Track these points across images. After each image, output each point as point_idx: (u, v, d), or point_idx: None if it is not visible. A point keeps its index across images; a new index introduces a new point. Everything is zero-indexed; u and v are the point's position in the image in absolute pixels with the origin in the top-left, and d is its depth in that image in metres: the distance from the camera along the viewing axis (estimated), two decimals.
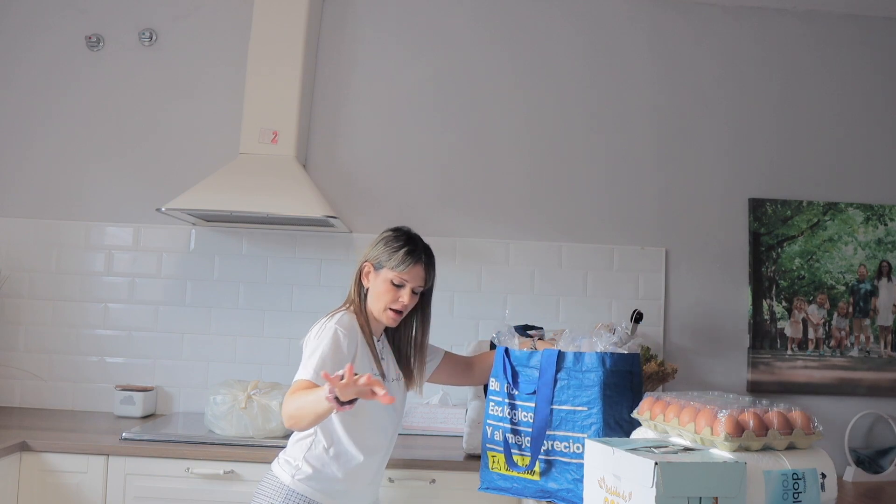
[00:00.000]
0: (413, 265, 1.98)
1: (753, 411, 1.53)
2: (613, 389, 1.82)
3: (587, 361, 1.83)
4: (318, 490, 1.92)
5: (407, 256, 1.98)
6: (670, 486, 1.38)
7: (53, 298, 3.05)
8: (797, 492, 1.47)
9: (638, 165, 3.20)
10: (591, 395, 1.80)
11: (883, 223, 3.20)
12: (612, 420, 1.80)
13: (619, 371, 1.83)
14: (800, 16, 3.29)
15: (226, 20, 3.16)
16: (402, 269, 1.97)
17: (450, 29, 3.22)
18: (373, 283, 2.02)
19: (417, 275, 2.00)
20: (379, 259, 2.02)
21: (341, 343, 1.89)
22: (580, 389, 1.81)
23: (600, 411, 1.79)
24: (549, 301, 3.12)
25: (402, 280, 1.98)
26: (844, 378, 3.14)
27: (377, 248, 2.04)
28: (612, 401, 1.81)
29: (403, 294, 1.99)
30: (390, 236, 2.05)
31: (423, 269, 2.01)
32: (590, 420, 1.79)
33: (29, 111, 3.12)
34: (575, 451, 1.80)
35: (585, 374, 1.82)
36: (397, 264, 1.98)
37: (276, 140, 2.91)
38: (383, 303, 1.99)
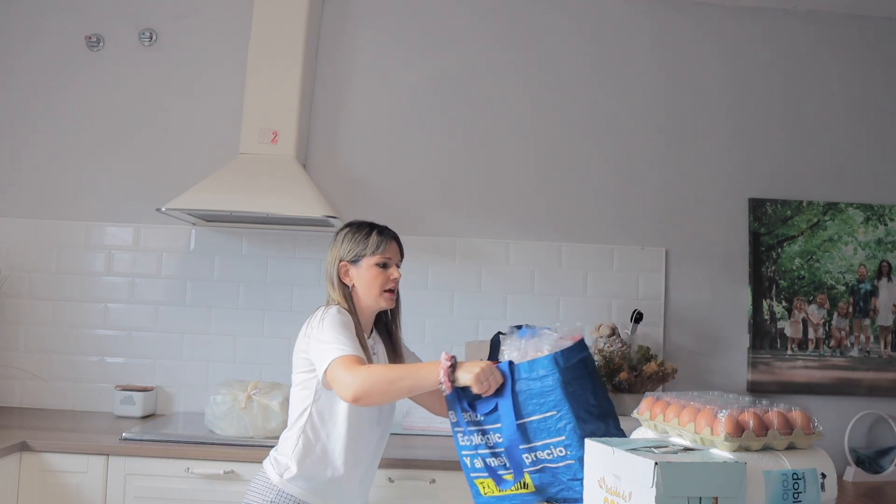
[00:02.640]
0: (389, 242, 2.05)
1: (753, 411, 1.53)
2: (574, 384, 1.78)
3: (541, 367, 1.77)
4: (306, 490, 1.93)
5: (380, 237, 2.04)
6: (670, 486, 1.38)
7: (53, 298, 3.05)
8: (797, 492, 1.47)
9: (638, 165, 3.20)
10: (555, 399, 1.75)
11: (883, 223, 3.20)
12: (583, 412, 1.77)
13: (573, 365, 1.79)
14: (800, 16, 3.29)
15: (226, 20, 3.16)
16: (382, 250, 2.03)
17: (450, 28, 3.22)
18: (357, 277, 2.03)
19: (395, 249, 2.07)
20: (353, 253, 2.03)
21: (349, 323, 1.92)
22: (543, 396, 1.76)
23: (570, 411, 1.74)
24: (549, 301, 3.12)
25: (385, 259, 2.03)
26: (844, 378, 3.14)
27: (345, 245, 2.05)
28: (576, 395, 1.77)
29: (392, 271, 2.05)
30: (352, 229, 2.08)
31: (396, 243, 2.08)
32: (562, 422, 1.75)
33: (29, 111, 3.13)
34: (559, 455, 1.76)
35: (543, 379, 1.76)
36: (375, 247, 2.02)
37: (276, 140, 2.91)
38: (377, 288, 2.02)
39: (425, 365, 1.81)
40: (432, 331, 3.09)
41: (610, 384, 2.79)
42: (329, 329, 1.89)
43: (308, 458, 1.93)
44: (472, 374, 1.74)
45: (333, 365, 1.82)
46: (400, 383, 1.79)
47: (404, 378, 1.80)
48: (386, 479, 2.38)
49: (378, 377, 1.78)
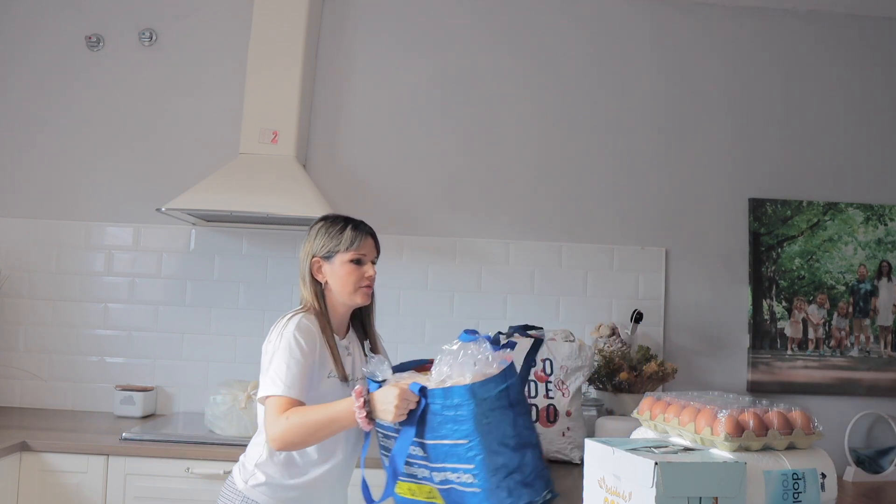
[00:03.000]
0: (364, 238, 1.97)
1: (753, 411, 1.53)
2: (490, 416, 1.70)
3: (456, 396, 1.69)
4: (271, 498, 1.87)
5: (354, 232, 1.96)
6: (670, 486, 1.38)
7: (53, 298, 3.05)
8: (797, 492, 1.47)
9: (638, 165, 3.20)
10: (467, 429, 1.68)
11: (883, 223, 3.20)
12: (496, 444, 1.70)
13: (492, 396, 1.71)
14: (801, 16, 3.29)
15: (226, 20, 3.16)
16: (357, 246, 1.95)
17: (450, 29, 3.22)
18: (331, 274, 1.95)
19: (370, 246, 1.99)
20: (327, 248, 1.96)
21: (304, 348, 1.83)
22: (457, 423, 1.69)
23: (479, 444, 1.68)
24: (549, 301, 3.12)
25: (359, 256, 1.95)
26: (844, 378, 3.14)
27: (318, 240, 1.97)
28: (490, 427, 1.69)
29: (367, 268, 1.96)
30: (326, 224, 2.00)
31: (372, 239, 2.00)
32: (472, 452, 1.68)
33: (29, 111, 3.13)
34: (466, 482, 1.70)
35: (458, 408, 1.68)
36: (350, 244, 1.94)
37: (276, 140, 2.91)
38: (352, 284, 1.94)
39: (343, 407, 1.73)
40: (432, 331, 3.09)
41: (610, 384, 2.79)
42: (278, 358, 1.82)
43: (273, 466, 1.87)
44: (390, 414, 1.69)
45: (267, 403, 1.79)
46: (321, 432, 1.75)
47: (324, 427, 1.74)
48: None
49: (298, 428, 1.73)
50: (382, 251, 3.21)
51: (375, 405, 1.71)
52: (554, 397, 2.43)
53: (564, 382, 2.45)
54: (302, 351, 1.82)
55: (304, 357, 1.82)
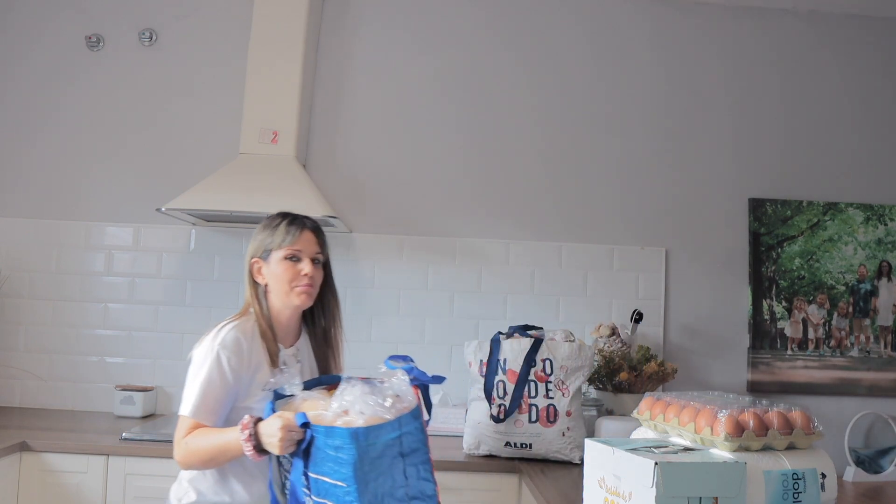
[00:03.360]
0: (299, 232, 1.82)
1: (753, 411, 1.53)
2: (375, 463, 1.56)
3: (338, 437, 1.55)
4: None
5: (290, 227, 1.82)
6: (670, 486, 1.38)
7: (53, 298, 3.05)
8: (797, 492, 1.47)
9: (638, 165, 3.20)
10: (345, 473, 1.55)
11: (883, 223, 3.20)
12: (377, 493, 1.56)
13: (378, 443, 1.57)
14: (801, 16, 3.29)
15: (226, 20, 3.16)
16: (290, 241, 1.81)
17: (450, 28, 3.22)
18: (268, 275, 1.83)
19: (308, 241, 1.83)
20: (264, 246, 1.84)
21: (224, 368, 1.73)
22: (337, 465, 1.56)
23: (356, 491, 1.54)
24: (549, 301, 3.12)
25: (294, 252, 1.81)
26: (844, 378, 3.14)
27: (256, 239, 1.86)
28: (372, 475, 1.56)
29: (303, 265, 1.81)
30: (265, 222, 1.88)
31: (311, 233, 1.85)
32: (349, 497, 1.55)
33: (29, 111, 3.12)
34: None
35: (339, 450, 1.55)
36: (283, 239, 1.81)
37: (276, 140, 2.91)
38: (286, 283, 1.81)
39: (234, 437, 1.64)
40: (432, 331, 3.09)
41: (610, 384, 2.79)
42: (195, 376, 1.74)
43: (204, 483, 1.78)
44: (275, 448, 1.59)
45: (179, 420, 1.73)
46: (216, 459, 1.69)
47: (218, 455, 1.68)
48: None
49: (194, 454, 1.68)
50: (382, 251, 3.23)
51: (261, 437, 1.61)
52: (554, 397, 2.43)
53: (564, 382, 2.45)
54: (220, 372, 1.73)
55: (221, 378, 1.72)
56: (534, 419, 2.42)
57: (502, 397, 2.46)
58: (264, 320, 1.82)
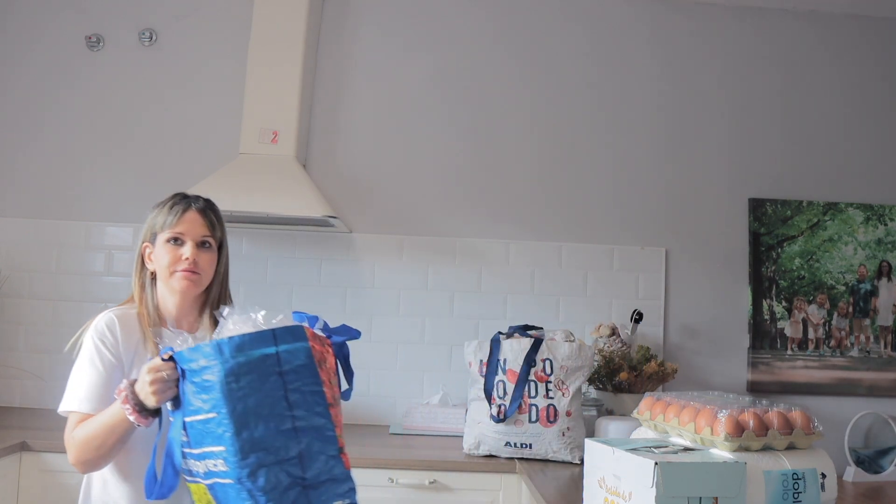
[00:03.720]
0: (182, 213, 1.68)
1: (753, 411, 1.53)
2: (245, 381, 1.34)
3: (203, 355, 1.37)
4: None
5: (174, 207, 1.69)
6: (670, 486, 1.38)
7: (53, 298, 3.05)
8: (797, 492, 1.47)
9: (638, 165, 3.20)
10: (214, 399, 1.34)
11: (883, 223, 3.20)
12: (255, 419, 1.33)
13: (251, 359, 1.35)
14: (801, 16, 3.29)
15: (226, 20, 3.16)
16: (172, 223, 1.67)
17: (450, 28, 3.22)
18: (154, 259, 1.70)
19: (193, 222, 1.69)
20: (151, 230, 1.71)
21: (97, 352, 1.63)
22: (205, 392, 1.36)
23: (227, 415, 1.33)
24: (549, 301, 3.12)
25: (177, 234, 1.67)
26: (844, 378, 3.14)
27: (146, 222, 1.73)
28: (245, 397, 1.33)
29: (185, 249, 1.66)
30: (156, 204, 1.75)
31: (197, 214, 1.70)
32: (222, 428, 1.33)
33: (29, 111, 3.12)
34: (223, 471, 1.34)
35: (204, 371, 1.36)
36: (165, 220, 1.68)
37: (276, 140, 2.91)
38: (166, 266, 1.66)
39: (115, 409, 1.48)
40: (432, 331, 3.09)
41: (610, 384, 2.79)
42: (77, 367, 1.65)
43: (92, 493, 1.64)
44: (150, 397, 1.41)
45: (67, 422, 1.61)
46: (106, 444, 1.51)
47: (105, 437, 1.50)
48: (386, 479, 2.38)
49: (83, 446, 1.53)
50: (383, 251, 3.22)
51: (139, 394, 1.44)
52: (554, 397, 2.43)
53: (564, 382, 2.45)
54: (94, 357, 1.63)
55: (97, 363, 1.62)
56: (534, 419, 2.42)
57: (502, 397, 2.46)
58: (147, 305, 1.69)
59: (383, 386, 3.05)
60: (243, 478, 1.31)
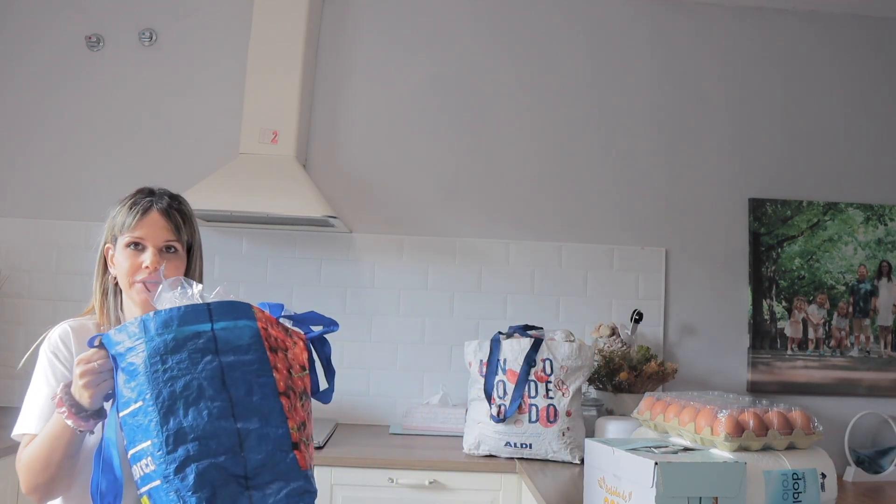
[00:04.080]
0: (142, 214, 1.48)
1: (753, 411, 1.53)
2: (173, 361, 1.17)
3: (127, 335, 1.21)
4: None
5: (133, 207, 1.49)
6: (670, 486, 1.38)
7: (53, 298, 3.05)
8: (797, 492, 1.47)
9: (638, 165, 3.20)
10: (139, 384, 1.17)
11: (883, 223, 3.20)
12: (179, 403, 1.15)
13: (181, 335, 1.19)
14: (800, 16, 3.29)
15: (226, 20, 3.16)
16: (131, 225, 1.47)
17: (450, 29, 3.22)
18: (115, 263, 1.51)
19: (154, 225, 1.48)
20: (111, 230, 1.53)
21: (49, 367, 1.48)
22: (132, 377, 1.19)
23: (152, 401, 1.15)
24: (549, 301, 3.12)
25: (136, 239, 1.47)
26: (844, 378, 3.14)
27: (107, 221, 1.56)
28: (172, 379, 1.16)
29: (145, 256, 1.46)
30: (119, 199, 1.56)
31: (160, 215, 1.49)
32: (146, 418, 1.15)
33: (29, 111, 3.12)
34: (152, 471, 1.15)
35: (129, 353, 1.20)
36: (124, 221, 1.49)
37: (276, 140, 2.91)
38: (125, 274, 1.47)
39: (54, 418, 1.34)
40: (432, 331, 3.09)
41: (610, 384, 2.79)
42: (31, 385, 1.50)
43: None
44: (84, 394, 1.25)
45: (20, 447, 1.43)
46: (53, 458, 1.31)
47: (50, 451, 1.32)
48: (386, 479, 2.38)
49: (31, 466, 1.35)
50: (382, 251, 3.22)
51: (73, 394, 1.28)
52: (554, 397, 2.43)
53: (564, 382, 2.45)
54: (47, 373, 1.48)
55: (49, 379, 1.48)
56: (534, 419, 2.42)
57: (502, 397, 2.46)
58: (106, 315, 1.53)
59: (383, 386, 3.05)
60: (170, 475, 1.12)
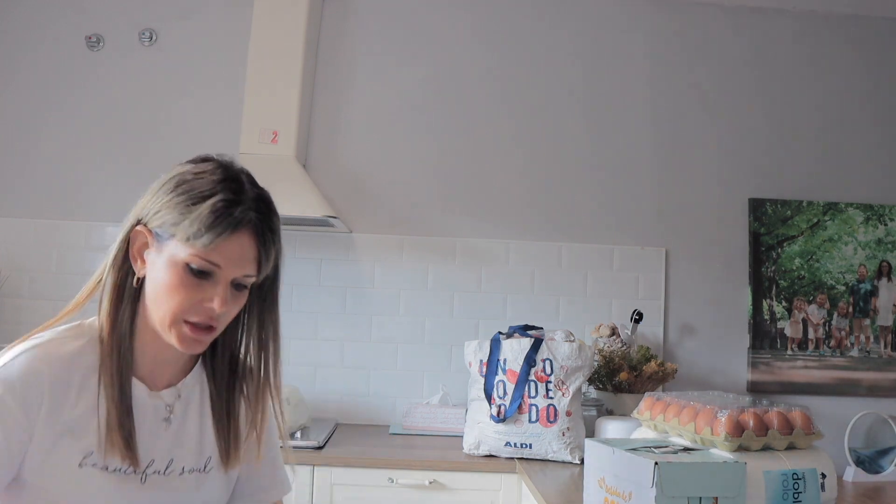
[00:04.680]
0: (233, 231, 1.02)
1: (753, 411, 1.53)
2: None
3: None
4: None
5: (220, 217, 1.01)
6: (670, 486, 1.38)
7: (53, 298, 3.04)
8: (797, 492, 1.47)
9: (638, 165, 3.20)
10: None
11: (883, 223, 3.20)
12: None
13: None
14: (799, 16, 3.29)
15: (226, 20, 3.16)
16: (208, 244, 1.01)
17: (449, 29, 3.22)
18: (152, 267, 1.06)
19: (241, 250, 1.04)
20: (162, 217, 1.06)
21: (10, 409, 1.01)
22: None
23: None
24: (549, 301, 3.12)
25: (207, 264, 1.02)
26: (844, 378, 3.14)
27: (156, 197, 1.09)
28: None
29: (213, 290, 1.03)
30: (180, 173, 1.10)
31: (251, 237, 1.05)
32: None
33: (29, 111, 3.12)
34: None
35: None
36: (196, 231, 1.01)
37: (276, 140, 2.91)
38: (169, 308, 1.03)
39: None
40: (432, 331, 3.09)
41: (610, 384, 2.79)
42: None
43: None
44: None
45: None
46: None
47: None
48: (386, 479, 2.38)
49: None
50: (382, 251, 3.22)
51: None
52: (554, 397, 2.43)
53: (564, 382, 2.45)
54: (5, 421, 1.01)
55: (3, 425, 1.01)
56: (534, 419, 2.42)
57: (502, 397, 2.46)
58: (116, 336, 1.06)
59: (383, 386, 3.05)
60: None
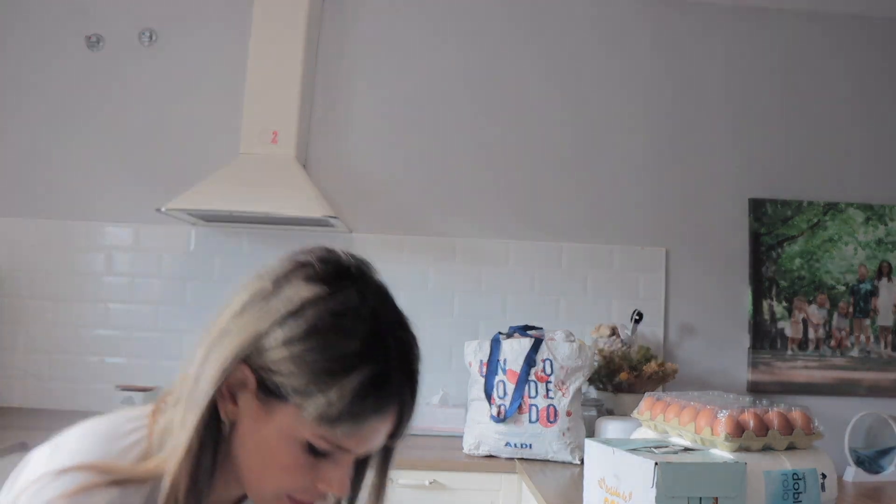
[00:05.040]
0: (379, 419, 0.89)
1: (753, 411, 1.53)
2: None
3: None
4: None
5: (368, 396, 0.86)
6: (670, 486, 1.38)
7: (53, 298, 3.05)
8: (797, 492, 1.47)
9: (638, 165, 3.20)
10: None
11: (883, 223, 3.20)
12: None
13: None
14: (801, 16, 3.29)
15: (226, 20, 3.16)
16: (346, 430, 0.86)
17: (449, 29, 3.22)
18: (249, 421, 0.87)
19: (381, 429, 0.91)
20: (285, 377, 0.85)
21: None
22: None
23: None
24: (549, 301, 3.12)
25: (332, 448, 0.87)
26: (844, 378, 3.14)
27: (282, 335, 0.86)
28: None
29: (332, 471, 0.89)
30: (324, 311, 0.89)
31: (396, 413, 0.92)
32: None
33: (28, 111, 3.12)
34: None
35: None
36: (338, 414, 0.84)
37: (276, 140, 2.91)
38: (276, 485, 0.88)
39: None
40: (432, 331, 3.09)
41: (610, 384, 2.79)
42: None
43: None
44: None
45: None
46: None
47: None
48: None
49: None
50: (382, 251, 3.22)
51: None
52: (554, 397, 2.43)
53: (564, 382, 2.45)
54: None
55: None
56: (534, 419, 2.42)
57: (502, 397, 2.46)
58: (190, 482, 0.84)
59: None
60: None
